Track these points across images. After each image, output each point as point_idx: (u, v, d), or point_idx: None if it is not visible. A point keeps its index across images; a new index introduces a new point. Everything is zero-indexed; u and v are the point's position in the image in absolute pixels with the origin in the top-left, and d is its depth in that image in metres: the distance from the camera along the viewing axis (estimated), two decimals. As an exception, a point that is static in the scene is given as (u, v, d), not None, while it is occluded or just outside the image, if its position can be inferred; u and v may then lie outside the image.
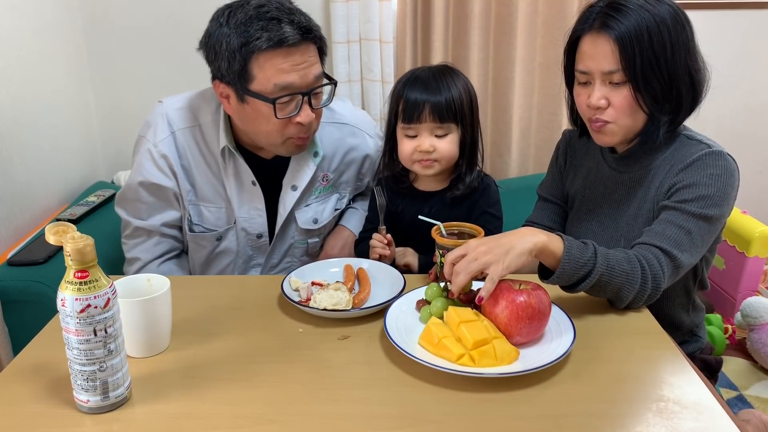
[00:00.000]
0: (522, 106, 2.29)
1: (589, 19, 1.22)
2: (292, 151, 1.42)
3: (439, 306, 1.04)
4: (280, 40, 1.25)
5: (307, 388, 0.93)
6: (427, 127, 1.33)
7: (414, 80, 1.34)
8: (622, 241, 1.33)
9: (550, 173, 1.51)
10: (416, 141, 1.34)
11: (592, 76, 1.23)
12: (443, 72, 1.36)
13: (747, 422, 1.45)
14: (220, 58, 1.29)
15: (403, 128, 1.35)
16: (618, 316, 1.12)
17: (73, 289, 0.81)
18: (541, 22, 2.19)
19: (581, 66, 1.24)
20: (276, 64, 1.27)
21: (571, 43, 1.27)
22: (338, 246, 1.58)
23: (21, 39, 1.79)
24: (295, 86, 1.29)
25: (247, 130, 1.39)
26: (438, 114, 1.32)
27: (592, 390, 0.92)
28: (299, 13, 1.30)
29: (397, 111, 1.36)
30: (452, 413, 0.87)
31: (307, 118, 1.33)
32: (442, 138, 1.34)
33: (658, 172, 1.29)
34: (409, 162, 1.38)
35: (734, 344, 2.16)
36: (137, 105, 2.17)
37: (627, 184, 1.34)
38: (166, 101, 1.47)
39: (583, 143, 1.46)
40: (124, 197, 1.49)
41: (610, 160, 1.37)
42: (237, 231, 1.50)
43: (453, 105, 1.32)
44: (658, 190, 1.27)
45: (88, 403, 0.86)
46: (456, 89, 1.33)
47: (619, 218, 1.34)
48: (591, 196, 1.40)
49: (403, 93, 1.34)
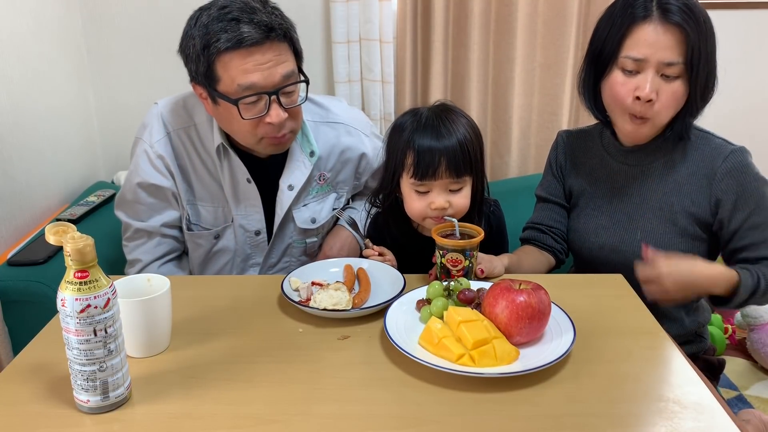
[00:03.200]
0: (522, 106, 2.29)
1: (647, 5, 1.18)
2: (270, 151, 1.40)
3: (439, 306, 1.04)
4: (239, 41, 1.24)
5: (307, 388, 0.93)
6: (442, 183, 1.24)
7: (424, 127, 1.24)
8: (639, 233, 1.33)
9: (549, 175, 1.51)
10: (428, 198, 1.26)
11: (645, 65, 1.19)
12: (448, 115, 1.27)
13: (747, 422, 1.45)
14: (190, 60, 1.31)
15: (414, 184, 1.25)
16: (618, 316, 1.12)
17: (73, 289, 0.81)
18: (541, 22, 2.19)
19: (635, 53, 1.19)
20: (237, 64, 1.26)
21: (619, 28, 1.21)
22: (337, 246, 1.58)
23: (21, 39, 1.79)
24: (259, 86, 1.28)
25: (225, 130, 1.40)
26: (455, 169, 1.23)
27: (592, 390, 0.91)
28: (266, 11, 1.27)
29: (404, 163, 1.26)
30: (452, 413, 0.87)
31: (277, 118, 1.31)
32: (457, 193, 1.27)
33: (678, 168, 1.30)
34: (420, 218, 1.30)
35: (734, 344, 2.16)
36: (137, 105, 2.16)
37: (639, 177, 1.34)
38: (161, 102, 1.47)
39: (581, 141, 1.46)
40: (123, 200, 1.49)
41: (617, 155, 1.37)
42: (235, 229, 1.50)
43: (468, 156, 1.24)
44: (687, 188, 1.30)
45: (88, 403, 0.86)
46: (467, 132, 1.25)
47: (633, 212, 1.35)
48: (597, 192, 1.40)
49: (414, 142, 1.23)
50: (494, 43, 2.22)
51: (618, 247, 1.36)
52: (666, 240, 1.32)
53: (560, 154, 1.48)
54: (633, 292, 1.20)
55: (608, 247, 1.37)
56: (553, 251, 1.47)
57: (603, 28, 1.26)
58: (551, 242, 1.46)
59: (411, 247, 1.37)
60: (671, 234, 1.32)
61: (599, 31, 1.28)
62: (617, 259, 1.36)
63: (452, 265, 1.19)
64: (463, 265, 1.18)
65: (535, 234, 1.48)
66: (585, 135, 1.47)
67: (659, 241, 1.32)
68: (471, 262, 1.19)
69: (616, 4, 1.26)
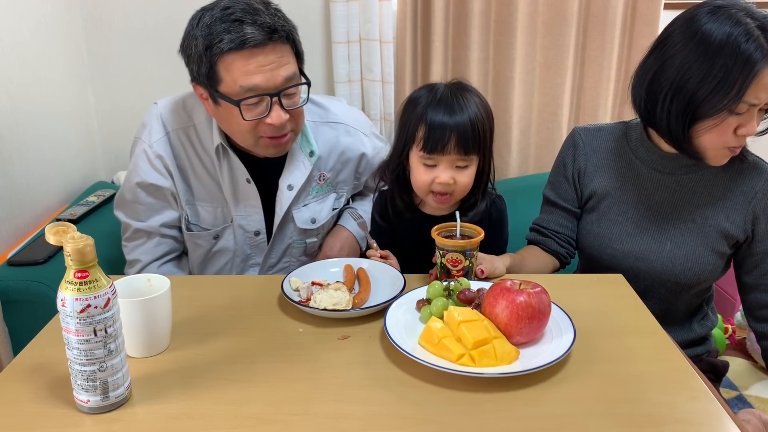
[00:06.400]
0: (522, 106, 2.29)
1: (764, 48, 1.12)
2: (270, 152, 1.40)
3: (439, 306, 1.04)
4: (242, 42, 1.24)
5: (307, 388, 0.93)
6: (449, 159, 1.26)
7: (438, 103, 1.26)
8: (669, 244, 1.32)
9: (560, 176, 1.45)
10: (435, 172, 1.27)
11: (756, 107, 1.17)
12: (462, 93, 1.28)
13: (747, 422, 1.45)
14: (192, 61, 1.31)
15: (423, 157, 1.27)
16: (618, 316, 1.12)
17: (73, 289, 0.81)
18: (541, 22, 2.19)
19: (754, 98, 1.14)
20: (240, 66, 1.26)
21: (738, 74, 1.13)
22: (337, 246, 1.58)
23: (21, 39, 1.79)
24: (261, 88, 1.28)
25: (225, 130, 1.40)
26: (463, 146, 1.24)
27: (592, 390, 0.91)
28: (269, 13, 1.28)
29: (415, 135, 1.27)
30: (452, 413, 0.87)
31: (278, 120, 1.31)
32: (462, 170, 1.28)
33: (714, 182, 1.30)
34: (423, 191, 1.31)
35: (734, 344, 2.16)
36: (137, 105, 2.17)
37: (672, 186, 1.32)
38: (161, 102, 1.48)
39: (603, 141, 1.41)
40: (122, 200, 1.49)
41: (648, 160, 1.34)
42: (234, 229, 1.50)
43: (478, 135, 1.25)
44: (722, 203, 1.30)
45: (88, 403, 0.86)
46: (479, 112, 1.26)
47: (663, 221, 1.33)
48: (623, 197, 1.37)
49: (426, 116, 1.25)
50: (494, 43, 2.22)
51: (645, 256, 1.33)
52: (696, 253, 1.31)
53: (579, 156, 1.42)
54: (633, 293, 1.20)
55: (634, 255, 1.34)
56: (558, 255, 1.45)
57: (697, 67, 1.16)
58: (555, 246, 1.44)
59: (413, 231, 1.36)
60: (701, 248, 1.31)
61: (690, 70, 1.17)
62: (643, 268, 1.34)
63: (452, 265, 1.19)
64: (463, 265, 1.18)
65: (539, 237, 1.46)
66: (606, 134, 1.41)
67: (689, 253, 1.31)
68: (471, 262, 1.19)
69: (709, 42, 1.15)
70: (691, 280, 1.32)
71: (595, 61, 2.23)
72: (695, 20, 1.18)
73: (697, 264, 1.31)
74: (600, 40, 2.20)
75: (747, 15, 1.14)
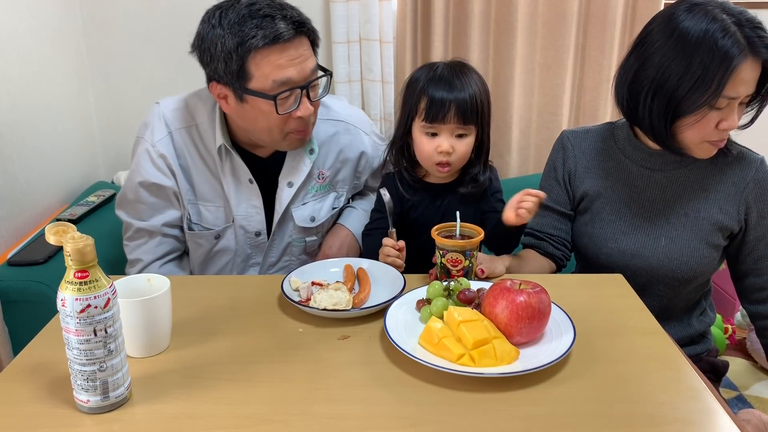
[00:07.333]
0: (522, 106, 2.29)
1: (737, 42, 1.13)
2: (295, 146, 1.43)
3: (439, 306, 1.04)
4: (276, 37, 1.25)
5: (307, 388, 0.93)
6: (449, 127, 1.33)
7: (438, 79, 1.33)
8: (663, 239, 1.33)
9: (551, 179, 1.46)
10: (436, 141, 1.34)
11: (736, 101, 1.18)
12: (462, 70, 1.35)
13: (747, 422, 1.45)
14: (216, 59, 1.29)
15: (425, 126, 1.34)
16: (618, 316, 1.12)
17: (73, 289, 0.81)
18: (541, 22, 2.19)
19: (732, 92, 1.15)
20: (273, 60, 1.27)
21: (716, 70, 1.14)
22: (336, 245, 1.58)
23: (21, 39, 1.79)
24: (294, 81, 1.30)
25: (248, 128, 1.39)
26: (462, 116, 1.31)
27: (592, 390, 0.91)
28: (289, 7, 1.31)
29: (417, 108, 1.35)
30: (452, 413, 0.87)
31: (306, 112, 1.34)
32: (461, 139, 1.34)
33: (704, 175, 1.31)
34: (428, 161, 1.38)
35: (734, 344, 2.16)
36: (137, 105, 2.17)
37: (662, 182, 1.33)
38: (163, 102, 1.47)
39: (591, 142, 1.42)
40: (124, 199, 1.49)
41: (636, 158, 1.35)
42: (235, 229, 1.50)
43: (476, 106, 1.32)
44: (714, 195, 1.31)
45: (88, 403, 0.86)
46: (477, 88, 1.33)
47: (656, 217, 1.34)
48: (614, 196, 1.38)
49: (428, 90, 1.33)
50: (494, 43, 2.22)
51: (641, 253, 1.34)
52: (691, 247, 1.32)
53: (569, 159, 1.43)
54: (633, 292, 1.20)
55: (629, 252, 1.35)
56: (554, 258, 1.45)
57: (675, 65, 1.17)
58: (551, 249, 1.45)
59: (421, 201, 1.44)
60: (696, 241, 1.32)
61: (669, 68, 1.18)
62: (639, 264, 1.34)
63: (452, 265, 1.19)
64: (463, 265, 1.19)
65: (535, 241, 1.46)
66: (594, 135, 1.43)
67: (684, 248, 1.32)
68: (471, 262, 1.19)
69: (687, 39, 1.16)
70: (687, 274, 1.33)
71: (595, 61, 2.23)
72: (673, 18, 1.19)
73: (693, 257, 1.31)
74: (600, 40, 2.20)
75: (723, 11, 1.16)
